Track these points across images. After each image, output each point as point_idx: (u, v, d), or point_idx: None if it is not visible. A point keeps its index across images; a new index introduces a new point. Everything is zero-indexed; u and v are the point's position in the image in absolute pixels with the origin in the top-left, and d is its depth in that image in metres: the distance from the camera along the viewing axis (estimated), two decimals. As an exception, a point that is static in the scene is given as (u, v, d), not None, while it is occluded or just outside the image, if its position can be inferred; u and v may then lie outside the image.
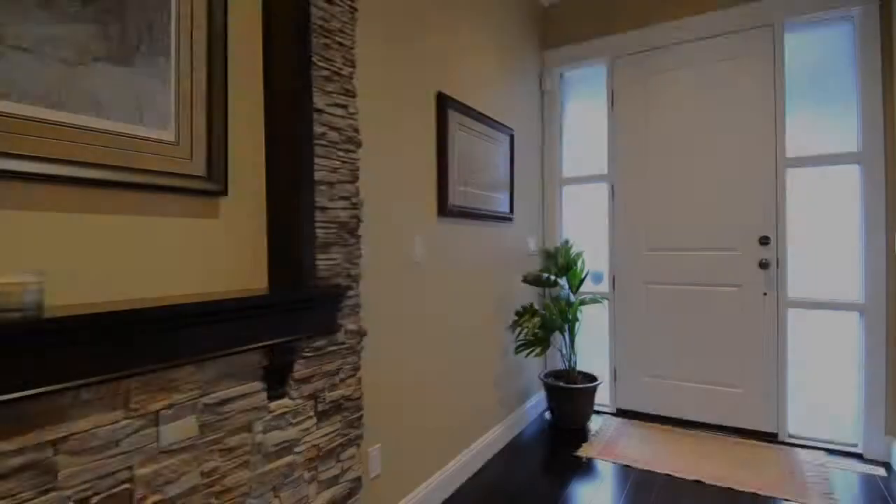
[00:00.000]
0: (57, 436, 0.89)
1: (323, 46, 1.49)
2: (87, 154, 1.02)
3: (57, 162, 0.97)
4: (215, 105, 1.25)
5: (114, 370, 0.94)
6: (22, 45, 0.94)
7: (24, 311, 0.84)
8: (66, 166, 0.98)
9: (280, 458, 1.33)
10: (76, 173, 1.00)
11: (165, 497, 1.06)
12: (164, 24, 1.16)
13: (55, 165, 0.97)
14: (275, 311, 1.25)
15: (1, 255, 0.91)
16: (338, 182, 1.55)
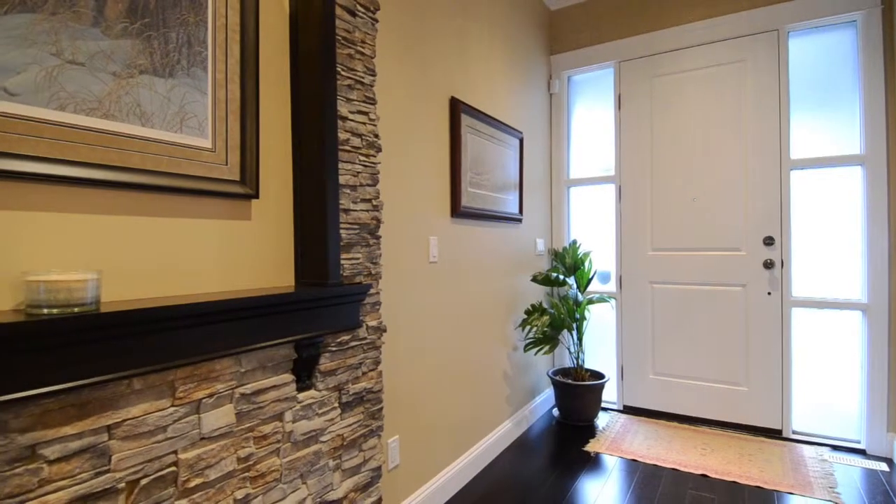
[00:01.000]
0: (112, 421, 0.97)
1: (346, 57, 1.56)
2: (135, 161, 1.10)
3: (108, 168, 1.05)
4: (248, 113, 1.33)
5: (163, 361, 1.02)
6: (77, 60, 1.02)
7: (86, 305, 0.92)
8: (115, 172, 1.06)
9: (307, 447, 1.41)
10: (124, 178, 1.07)
11: (206, 480, 1.13)
12: (201, 39, 1.24)
13: (107, 171, 1.05)
14: (305, 307, 1.33)
15: (62, 253, 0.98)
16: (360, 185, 1.62)
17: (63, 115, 0.99)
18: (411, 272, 2.11)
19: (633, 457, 2.74)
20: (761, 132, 3.03)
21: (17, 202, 0.93)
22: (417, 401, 2.15)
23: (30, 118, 0.95)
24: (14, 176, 0.91)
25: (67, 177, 0.98)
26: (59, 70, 0.99)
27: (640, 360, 3.45)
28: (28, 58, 0.95)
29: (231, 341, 1.15)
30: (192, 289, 1.21)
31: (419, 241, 2.16)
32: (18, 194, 0.93)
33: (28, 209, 0.94)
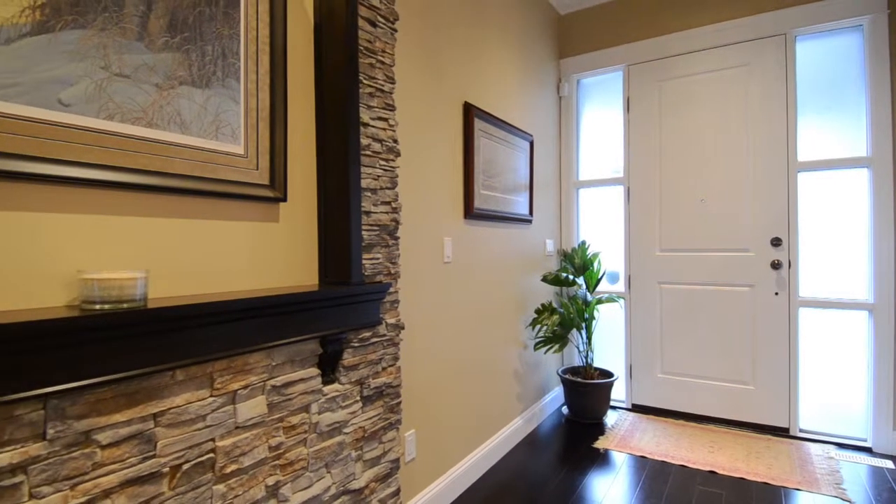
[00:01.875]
0: (157, 410, 1.04)
1: (367, 66, 1.63)
2: (175, 166, 1.17)
3: (152, 174, 1.12)
4: (277, 120, 1.40)
5: (203, 354, 1.09)
6: (124, 73, 1.09)
7: (135, 301, 0.99)
8: (158, 177, 1.13)
9: (331, 438, 1.47)
10: (166, 183, 1.14)
11: (241, 467, 1.21)
12: (234, 51, 1.31)
13: (150, 177, 1.12)
14: (330, 305, 1.40)
15: (109, 253, 1.06)
16: (380, 189, 1.69)
17: (111, 124, 1.07)
18: (426, 272, 2.17)
19: (641, 453, 2.79)
20: (769, 134, 3.07)
21: (71, 205, 1.00)
22: (432, 397, 2.21)
23: (82, 127, 1.02)
24: (69, 182, 0.99)
25: (115, 182, 1.05)
26: (107, 82, 1.06)
27: (649, 359, 3.50)
28: (80, 71, 1.02)
29: (263, 336, 1.22)
30: (226, 287, 1.29)
31: (434, 242, 2.23)
32: (72, 198, 1.00)
33: (80, 212, 1.02)
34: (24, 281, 0.93)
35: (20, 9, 0.94)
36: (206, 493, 1.13)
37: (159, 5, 1.15)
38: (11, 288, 0.92)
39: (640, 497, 2.35)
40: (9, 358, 0.81)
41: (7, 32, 0.93)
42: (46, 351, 0.85)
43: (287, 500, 1.33)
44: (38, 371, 0.84)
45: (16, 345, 0.81)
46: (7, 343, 0.80)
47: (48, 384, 0.85)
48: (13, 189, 0.93)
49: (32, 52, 0.96)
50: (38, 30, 0.97)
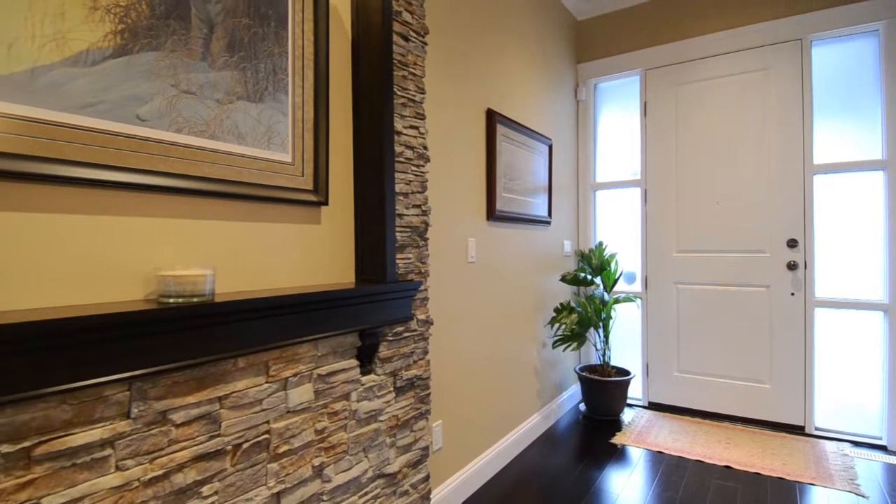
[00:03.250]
0: (222, 393, 1.16)
1: (401, 78, 1.74)
2: (233, 174, 1.29)
3: (213, 181, 1.24)
4: (320, 130, 1.52)
5: (260, 344, 1.20)
6: (190, 90, 1.21)
7: (204, 296, 1.11)
8: (219, 184, 1.25)
9: (368, 425, 1.58)
10: (225, 189, 1.26)
11: (291, 448, 1.32)
12: (283, 67, 1.43)
13: (212, 184, 1.24)
14: (368, 301, 1.51)
15: (178, 252, 1.18)
16: (411, 193, 1.80)
17: (180, 136, 1.19)
18: (452, 271, 2.28)
19: (658, 449, 2.87)
20: (785, 138, 3.13)
21: (145, 209, 1.12)
22: (457, 390, 2.32)
23: (156, 140, 1.14)
24: (145, 188, 1.11)
25: (182, 188, 1.17)
26: (176, 99, 1.18)
27: (666, 358, 3.57)
28: (154, 89, 1.14)
29: (310, 329, 1.33)
30: (275, 283, 1.40)
31: (459, 243, 2.33)
32: (146, 203, 1.12)
33: (153, 215, 1.14)
34: (107, 277, 1.06)
35: (104, 34, 1.06)
36: (261, 470, 1.25)
37: (220, 27, 1.27)
38: (98, 283, 1.04)
39: (657, 490, 2.43)
40: (101, 345, 0.93)
41: (93, 55, 1.05)
42: (132, 339, 0.97)
43: (330, 481, 1.44)
44: (125, 357, 0.96)
45: (107, 332, 0.93)
46: (99, 331, 0.91)
47: (133, 368, 0.97)
48: (99, 195, 1.05)
49: (114, 72, 1.08)
50: (118, 52, 1.09)
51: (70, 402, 0.92)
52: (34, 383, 0.84)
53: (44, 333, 0.83)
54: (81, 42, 1.02)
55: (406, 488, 1.75)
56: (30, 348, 0.83)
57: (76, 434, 0.93)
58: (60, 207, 0.99)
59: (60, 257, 0.98)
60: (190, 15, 1.21)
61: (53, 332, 0.84)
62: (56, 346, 0.86)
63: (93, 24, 1.04)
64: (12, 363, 0.82)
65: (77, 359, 0.89)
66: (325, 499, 1.42)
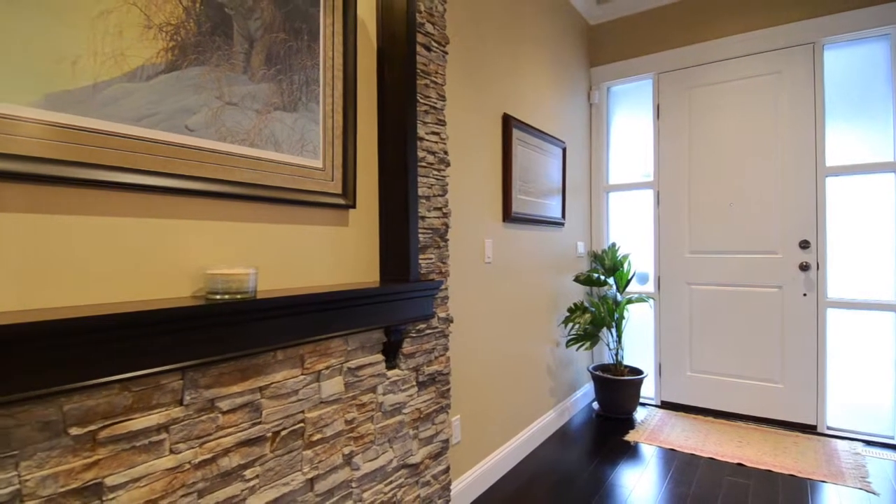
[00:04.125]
0: (263, 384, 1.25)
1: (423, 86, 1.82)
2: (270, 179, 1.38)
3: (253, 186, 1.33)
4: (348, 137, 1.60)
5: (297, 338, 1.28)
6: (233, 101, 1.30)
7: (248, 293, 1.20)
8: (258, 189, 1.34)
9: (393, 417, 1.66)
10: (264, 194, 1.35)
11: (324, 436, 1.40)
12: (315, 78, 1.51)
13: (252, 189, 1.32)
14: (393, 299, 1.59)
15: (219, 252, 1.26)
16: (432, 196, 1.88)
17: (223, 145, 1.27)
18: (470, 271, 2.35)
19: (671, 446, 2.92)
20: (796, 140, 3.16)
21: (192, 213, 1.21)
22: (474, 386, 2.39)
23: (202, 148, 1.23)
24: (192, 193, 1.20)
25: (225, 193, 1.26)
26: (220, 110, 1.27)
27: (678, 358, 3.61)
28: (200, 101, 1.23)
29: (341, 325, 1.41)
30: (307, 281, 1.49)
31: (477, 244, 2.41)
32: (192, 207, 1.21)
33: (198, 218, 1.22)
34: (158, 275, 1.14)
35: (157, 51, 1.15)
36: (297, 457, 1.33)
37: (259, 42, 1.36)
38: (150, 280, 1.13)
39: (669, 485, 2.48)
40: (160, 337, 1.01)
41: (148, 71, 1.14)
42: (187, 332, 1.05)
43: (359, 469, 1.52)
44: (179, 348, 1.04)
45: (165, 326, 1.01)
46: (159, 324, 1.00)
47: (186, 359, 1.06)
48: (152, 200, 1.14)
49: (166, 86, 1.17)
50: (169, 68, 1.18)
51: (131, 389, 1.01)
52: (102, 372, 0.93)
53: (112, 326, 0.92)
54: (137, 58, 1.11)
55: (428, 479, 1.83)
56: (99, 340, 0.92)
57: (136, 419, 1.02)
58: (119, 211, 1.08)
59: (117, 257, 1.07)
60: (232, 31, 1.30)
61: (121, 325, 0.93)
62: (121, 338, 0.95)
63: (147, 41, 1.13)
64: (84, 353, 0.90)
65: (139, 349, 0.98)
66: (353, 486, 1.51)
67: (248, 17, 1.33)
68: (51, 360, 0.86)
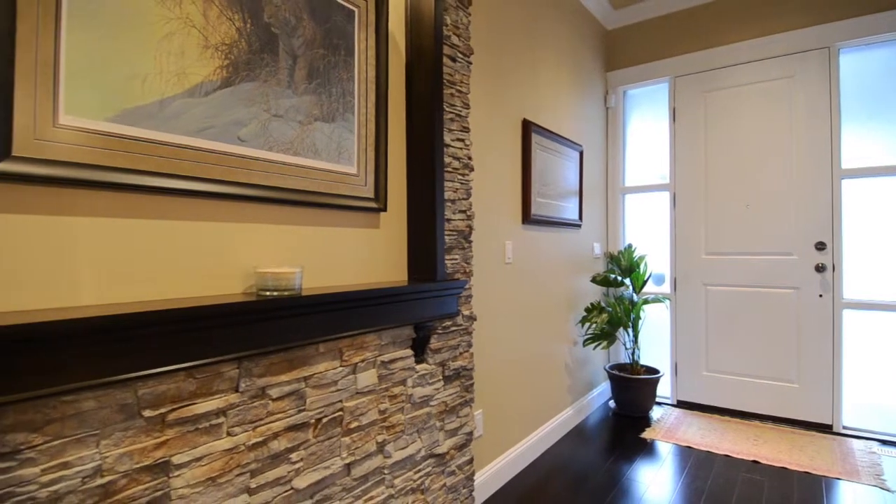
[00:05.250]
0: (307, 374, 1.35)
1: (449, 95, 1.92)
2: (311, 185, 1.48)
3: (296, 191, 1.44)
4: (380, 145, 1.70)
5: (336, 332, 1.39)
6: (279, 114, 1.41)
7: (294, 290, 1.30)
8: (301, 194, 1.44)
9: (421, 408, 1.76)
10: (306, 199, 1.45)
11: (360, 424, 1.50)
12: (351, 90, 1.62)
13: (295, 194, 1.43)
14: (422, 297, 1.68)
15: (268, 253, 1.37)
16: (457, 199, 1.97)
17: (271, 153, 1.38)
18: (491, 272, 2.45)
19: (687, 444, 2.98)
20: (812, 143, 3.20)
21: (241, 216, 1.32)
22: (495, 382, 2.48)
23: (252, 157, 1.34)
24: (242, 198, 1.30)
25: (270, 198, 1.37)
26: (268, 122, 1.38)
27: (694, 358, 3.66)
28: (251, 114, 1.34)
29: (376, 321, 1.52)
30: (342, 280, 1.59)
31: (497, 245, 2.50)
32: (242, 211, 1.32)
33: (246, 221, 1.33)
34: (213, 273, 1.25)
35: (214, 68, 1.26)
36: (336, 442, 1.43)
37: (301, 59, 1.47)
38: (205, 278, 1.23)
39: (686, 481, 2.54)
40: (220, 329, 1.12)
41: (206, 87, 1.25)
42: (243, 325, 1.16)
43: (390, 456, 1.62)
44: (235, 339, 1.15)
45: (226, 319, 1.12)
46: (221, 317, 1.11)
47: (242, 350, 1.16)
48: (208, 205, 1.25)
49: (221, 101, 1.28)
50: (224, 84, 1.29)
51: (196, 376, 1.12)
52: (172, 360, 1.03)
53: (182, 319, 1.03)
54: (197, 76, 1.23)
55: (453, 469, 1.92)
56: (170, 331, 1.03)
57: (199, 403, 1.12)
58: (179, 215, 1.19)
59: (179, 257, 1.18)
60: (278, 49, 1.40)
61: (189, 318, 1.04)
62: (189, 330, 1.06)
63: (205, 60, 1.24)
64: (157, 343, 1.01)
65: (202, 340, 1.08)
66: (386, 472, 1.61)
67: (292, 35, 1.44)
68: (128, 348, 0.97)
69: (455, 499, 1.93)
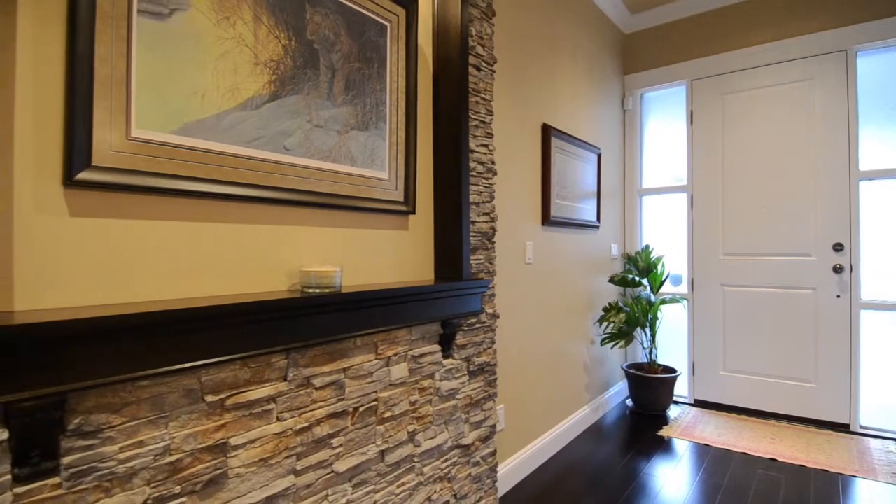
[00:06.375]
0: (346, 366, 1.45)
1: (473, 103, 2.01)
2: (347, 190, 1.59)
3: (332, 196, 1.54)
4: (410, 151, 1.80)
5: (372, 327, 1.49)
6: (319, 124, 1.52)
7: (335, 288, 1.40)
8: (336, 199, 1.55)
9: (448, 401, 1.86)
10: (342, 203, 1.56)
11: (393, 414, 1.60)
12: (383, 100, 1.72)
13: (332, 198, 1.53)
14: (449, 295, 1.78)
15: (308, 253, 1.48)
16: (481, 202, 2.06)
17: (312, 161, 1.49)
18: (512, 272, 2.53)
19: (704, 442, 3.03)
20: (830, 145, 3.24)
21: (286, 219, 1.42)
22: (516, 379, 2.57)
23: (296, 165, 1.44)
24: (286, 203, 1.41)
25: (311, 202, 1.47)
26: (310, 132, 1.49)
27: (712, 357, 3.71)
28: (295, 125, 1.45)
29: (407, 317, 1.61)
30: (376, 279, 1.69)
31: (518, 246, 2.59)
32: (287, 214, 1.43)
33: (290, 223, 1.44)
34: (260, 272, 1.36)
35: (263, 83, 1.37)
36: (371, 431, 1.54)
37: (339, 72, 1.57)
38: (255, 276, 1.34)
39: (703, 477, 2.60)
40: (272, 323, 1.23)
41: (256, 101, 1.36)
42: (292, 319, 1.26)
43: (420, 445, 1.72)
44: (284, 332, 1.25)
45: (278, 313, 1.23)
46: (274, 311, 1.21)
47: (290, 342, 1.27)
48: (257, 209, 1.35)
49: (269, 113, 1.39)
50: (271, 98, 1.39)
51: (250, 365, 1.22)
52: (230, 350, 1.14)
53: (239, 312, 1.14)
54: (248, 91, 1.34)
55: (477, 459, 2.01)
56: (230, 324, 1.13)
57: (253, 390, 1.23)
58: (232, 218, 1.30)
59: (230, 257, 1.29)
60: (319, 63, 1.51)
61: (246, 312, 1.14)
62: (245, 323, 1.16)
63: (255, 76, 1.35)
64: (222, 334, 1.12)
65: (256, 333, 1.19)
66: (416, 460, 1.70)
67: (331, 51, 1.55)
68: (194, 339, 1.08)
69: (479, 488, 2.02)
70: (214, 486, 1.15)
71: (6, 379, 0.85)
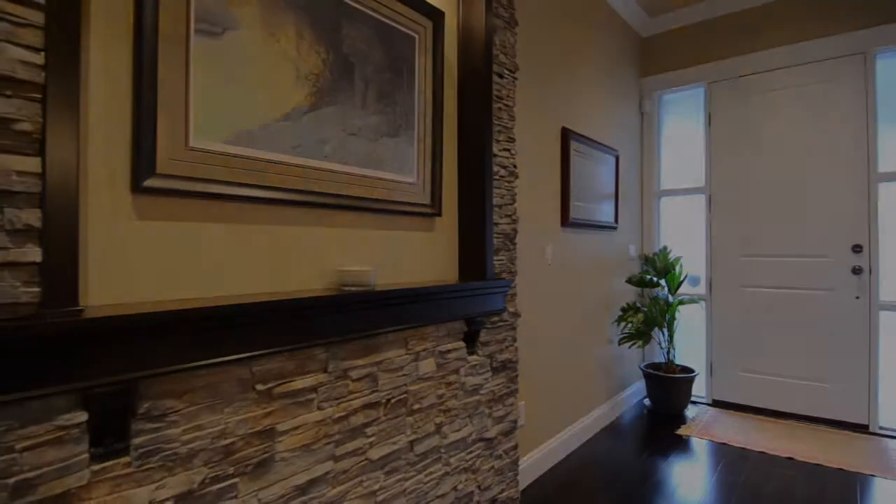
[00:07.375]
0: (379, 359, 1.55)
1: (496, 110, 2.10)
2: (377, 193, 1.68)
3: (364, 199, 1.63)
4: (436, 156, 1.89)
5: (403, 323, 1.58)
6: (353, 132, 1.61)
7: (369, 286, 1.50)
8: (368, 202, 1.64)
9: (472, 396, 1.94)
10: (372, 206, 1.65)
11: (421, 406, 1.69)
12: (412, 108, 1.81)
13: (363, 202, 1.63)
14: (473, 294, 1.86)
15: (344, 254, 1.57)
16: (504, 205, 2.14)
17: (347, 167, 1.58)
18: (532, 272, 2.61)
19: (722, 441, 3.07)
20: (848, 147, 3.25)
21: (323, 221, 1.52)
22: (536, 376, 2.64)
23: (332, 171, 1.54)
24: (323, 206, 1.51)
25: (345, 206, 1.57)
26: (345, 140, 1.58)
27: (730, 358, 3.74)
28: (331, 133, 1.55)
29: (434, 314, 1.70)
30: (403, 279, 1.78)
31: (538, 247, 2.66)
32: (324, 217, 1.52)
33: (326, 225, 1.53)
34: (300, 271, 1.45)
35: (304, 95, 1.47)
36: (402, 421, 1.63)
37: (372, 83, 1.67)
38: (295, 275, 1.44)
39: (720, 475, 2.65)
40: (315, 318, 1.32)
41: (299, 112, 1.46)
42: (332, 315, 1.36)
43: (446, 437, 1.80)
44: (325, 327, 1.35)
45: (320, 309, 1.32)
46: (318, 308, 1.31)
47: (330, 336, 1.36)
48: (300, 212, 1.45)
49: (309, 123, 1.49)
50: (311, 108, 1.49)
51: (295, 357, 1.32)
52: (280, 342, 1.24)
53: (288, 309, 1.23)
54: (291, 102, 1.43)
55: (500, 453, 2.09)
56: (279, 318, 1.23)
57: (297, 380, 1.33)
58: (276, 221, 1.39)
59: (280, 256, 1.39)
60: (354, 76, 1.61)
61: (297, 307, 1.24)
62: (294, 317, 1.26)
63: (297, 88, 1.45)
64: (271, 328, 1.22)
65: (301, 327, 1.29)
66: (442, 451, 1.79)
67: (365, 63, 1.64)
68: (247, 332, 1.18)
69: (501, 480, 2.10)
70: (263, 468, 1.25)
71: (84, 367, 0.95)
